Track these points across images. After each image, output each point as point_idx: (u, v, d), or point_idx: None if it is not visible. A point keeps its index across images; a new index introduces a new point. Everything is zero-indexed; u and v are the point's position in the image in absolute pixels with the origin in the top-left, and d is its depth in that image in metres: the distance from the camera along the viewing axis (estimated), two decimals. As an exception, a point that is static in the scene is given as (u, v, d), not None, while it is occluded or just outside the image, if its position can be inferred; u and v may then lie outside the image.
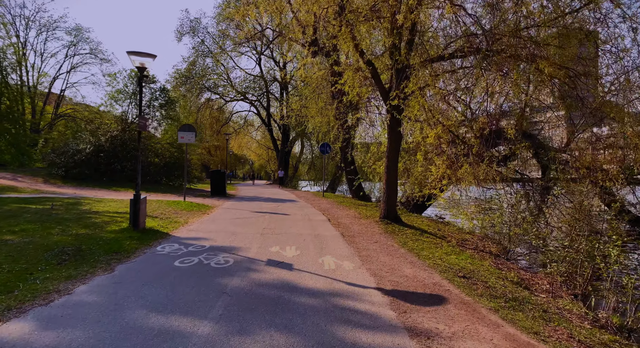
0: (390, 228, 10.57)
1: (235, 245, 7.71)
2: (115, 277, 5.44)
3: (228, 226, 9.91)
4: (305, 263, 6.56)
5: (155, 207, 12.64)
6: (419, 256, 7.60)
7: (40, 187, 17.32)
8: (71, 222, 9.05)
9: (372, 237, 9.27)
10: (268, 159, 63.05)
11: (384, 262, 6.94)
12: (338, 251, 7.56)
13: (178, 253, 6.93)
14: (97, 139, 21.01)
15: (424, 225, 12.36)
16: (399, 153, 11.42)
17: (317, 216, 12.47)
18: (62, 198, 13.35)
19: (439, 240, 10.04)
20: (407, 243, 8.76)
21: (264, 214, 12.43)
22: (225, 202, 16.21)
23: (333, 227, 10.39)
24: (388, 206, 11.42)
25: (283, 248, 7.61)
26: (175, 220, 10.41)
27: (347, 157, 19.68)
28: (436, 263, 7.11)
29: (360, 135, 20.63)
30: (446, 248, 8.93)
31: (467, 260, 7.85)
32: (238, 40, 31.40)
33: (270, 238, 8.55)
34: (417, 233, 10.40)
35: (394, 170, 11.30)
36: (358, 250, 7.81)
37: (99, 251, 6.75)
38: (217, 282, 5.35)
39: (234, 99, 40.24)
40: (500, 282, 6.52)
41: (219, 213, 12.28)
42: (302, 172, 51.99)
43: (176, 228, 9.42)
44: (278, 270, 6.06)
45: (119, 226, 9.02)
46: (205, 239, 8.21)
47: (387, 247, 8.20)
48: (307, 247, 7.82)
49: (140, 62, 8.38)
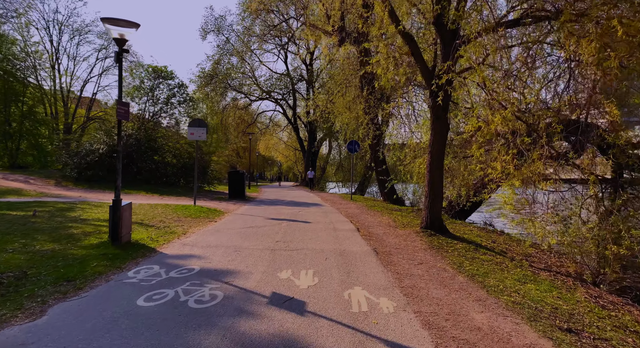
0: (436, 241, 8.40)
1: (234, 268, 5.81)
2: (30, 330, 3.62)
3: (233, 238, 8.05)
4: (324, 300, 4.56)
5: (157, 213, 11.00)
6: (486, 287, 5.42)
7: (49, 190, 16.19)
8: (43, 234, 7.45)
9: (414, 255, 7.15)
10: (295, 160, 61.67)
11: (438, 298, 4.83)
12: (371, 278, 5.51)
13: (152, 281, 5.08)
14: (112, 138, 19.84)
15: (473, 235, 10.09)
16: (445, 147, 9.22)
17: (344, 224, 10.43)
18: (58, 203, 11.97)
19: (499, 257, 7.78)
20: (464, 266, 6.58)
21: (281, 222, 10.51)
22: (242, 207, 14.44)
23: (363, 240, 8.33)
24: (432, 213, 9.23)
25: (296, 273, 5.64)
26: (172, 231, 8.65)
27: (378, 156, 17.52)
28: (514, 300, 4.92)
29: (391, 134, 18.37)
30: (515, 271, 6.69)
31: (552, 292, 5.61)
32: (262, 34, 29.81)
33: (282, 256, 6.60)
34: (471, 248, 8.18)
35: (439, 168, 9.11)
36: (399, 276, 5.72)
37: (47, 278, 5.01)
38: (185, 340, 3.44)
39: (259, 98, 38.83)
40: (622, 336, 4.27)
41: (228, 221, 10.47)
42: (329, 173, 49.96)
43: (169, 241, 7.64)
44: (283, 314, 4.09)
45: (99, 239, 7.34)
46: (198, 258, 6.36)
47: (437, 272, 6.06)
48: (328, 271, 5.81)
49: (120, 32, 6.68)
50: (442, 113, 8.74)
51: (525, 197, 7.43)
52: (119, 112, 6.61)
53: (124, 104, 6.74)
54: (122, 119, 6.71)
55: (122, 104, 6.69)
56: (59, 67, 34.70)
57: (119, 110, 6.58)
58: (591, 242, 6.32)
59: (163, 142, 21.45)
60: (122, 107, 6.68)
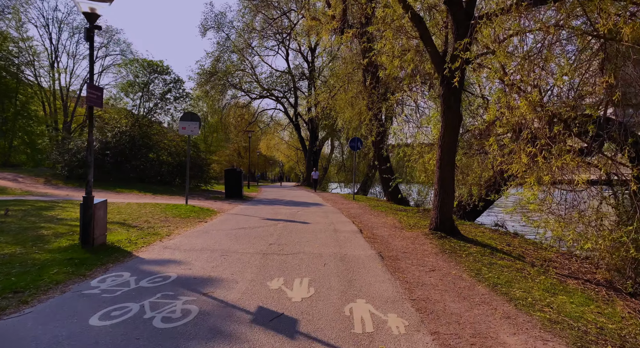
0: (448, 244, 7.56)
1: (217, 276, 5.00)
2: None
3: (222, 241, 7.24)
4: (320, 317, 3.75)
5: (144, 213, 10.21)
6: (512, 300, 4.59)
7: (36, 188, 15.43)
8: (7, 235, 6.66)
9: (424, 260, 6.32)
10: (297, 160, 60.98)
11: (457, 314, 4.00)
12: (376, 288, 4.69)
13: (116, 292, 4.28)
14: (104, 135, 19.06)
15: (486, 238, 9.25)
16: (457, 141, 8.39)
17: (346, 225, 9.61)
18: (38, 202, 11.19)
19: (519, 263, 6.95)
20: (482, 273, 5.74)
21: (277, 223, 9.69)
22: (237, 206, 13.63)
23: (367, 243, 7.51)
24: (442, 214, 8.39)
25: (289, 282, 4.83)
26: (155, 232, 7.85)
27: (382, 153, 16.68)
28: (550, 317, 4.08)
29: (395, 130, 17.51)
30: (540, 279, 5.85)
31: (589, 306, 4.77)
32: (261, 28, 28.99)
33: (275, 262, 5.79)
34: (486, 252, 7.34)
35: (450, 163, 8.27)
36: (408, 286, 4.90)
37: (-8, 288, 4.22)
38: (134, 375, 2.63)
39: (260, 96, 38.02)
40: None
41: (219, 221, 9.66)
42: (332, 173, 49.11)
43: (149, 243, 6.83)
44: (269, 336, 3.28)
45: (70, 241, 6.55)
46: (178, 264, 5.55)
47: (453, 281, 5.23)
48: (327, 279, 4.99)
49: (90, 6, 5.88)
50: (454, 103, 7.91)
51: (550, 196, 6.58)
52: (90, 97, 5.80)
53: (96, 88, 5.94)
54: (93, 105, 5.91)
55: (94, 88, 5.89)
56: (58, 65, 34.14)
57: (89, 96, 5.78)
58: (631, 247, 5.47)
59: (158, 140, 20.66)
60: (93, 91, 5.88)
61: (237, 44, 32.59)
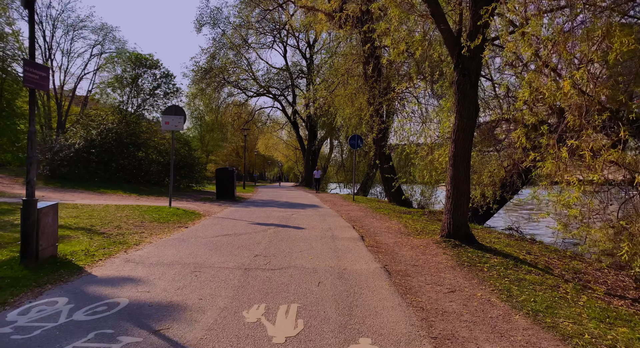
0: (465, 255, 6.46)
1: (180, 302, 3.90)
2: None
3: (198, 251, 6.13)
4: (308, 374, 2.65)
5: (118, 217, 9.10)
6: (565, 338, 3.48)
7: (11, 189, 14.32)
8: (-62, 246, 5.56)
9: (440, 277, 5.22)
10: (296, 160, 60.01)
11: (498, 363, 2.91)
12: (384, 319, 3.59)
13: (34, 331, 3.17)
14: (89, 133, 17.94)
15: (503, 245, 8.17)
16: (473, 134, 7.30)
17: (345, 231, 8.51)
18: (1, 205, 10.08)
19: (549, 277, 5.86)
20: (513, 293, 4.65)
21: (268, 228, 8.59)
22: (226, 208, 12.53)
23: (369, 253, 6.41)
24: (455, 219, 7.29)
25: (272, 310, 3.72)
26: (122, 240, 6.74)
27: (384, 151, 15.60)
28: (623, 367, 2.99)
29: (396, 129, 16.37)
30: (582, 300, 4.77)
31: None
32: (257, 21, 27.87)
33: (257, 280, 4.68)
34: (509, 263, 6.25)
35: (465, 160, 7.18)
36: (425, 315, 3.80)
37: None
38: None
39: (257, 94, 36.85)
40: None
41: (201, 227, 8.54)
42: (331, 173, 48.02)
43: (110, 255, 5.72)
44: None
45: (13, 252, 5.44)
46: (136, 283, 4.45)
47: (481, 307, 4.13)
48: (321, 306, 3.89)
49: (30, -33, 4.77)
50: (470, 89, 6.82)
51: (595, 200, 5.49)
52: (29, 77, 4.68)
53: (36, 66, 4.82)
54: (33, 87, 4.79)
55: (34, 66, 4.77)
56: (52, 63, 32.97)
57: (27, 76, 4.66)
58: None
59: (147, 137, 19.54)
60: (34, 70, 4.76)
61: (233, 40, 31.46)
